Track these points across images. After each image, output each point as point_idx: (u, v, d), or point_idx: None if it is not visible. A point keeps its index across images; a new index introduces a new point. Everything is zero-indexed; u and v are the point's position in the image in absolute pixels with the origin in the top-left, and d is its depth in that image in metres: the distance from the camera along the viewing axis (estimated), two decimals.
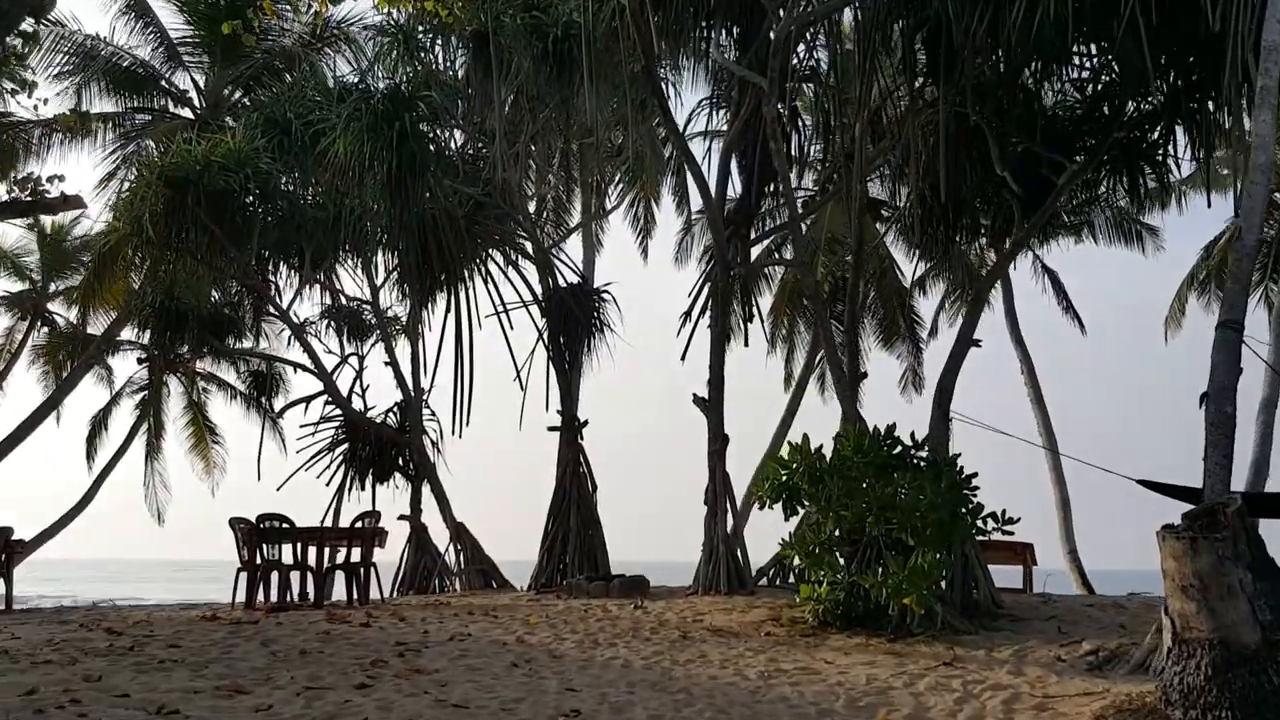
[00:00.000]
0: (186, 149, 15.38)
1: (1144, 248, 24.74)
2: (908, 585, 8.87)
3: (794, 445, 10.30)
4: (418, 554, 17.39)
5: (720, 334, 13.24)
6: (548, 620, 10.30)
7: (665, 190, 23.27)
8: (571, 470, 15.14)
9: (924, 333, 24.11)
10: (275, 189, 15.93)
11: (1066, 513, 21.83)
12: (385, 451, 17.67)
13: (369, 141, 13.12)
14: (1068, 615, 10.38)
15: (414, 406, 17.24)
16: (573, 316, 15.44)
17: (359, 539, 13.29)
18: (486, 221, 15.40)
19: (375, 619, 10.48)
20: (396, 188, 13.30)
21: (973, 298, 12.36)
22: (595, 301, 15.71)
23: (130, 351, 25.70)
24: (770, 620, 10.24)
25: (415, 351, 18.44)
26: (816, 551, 9.52)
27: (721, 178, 13.74)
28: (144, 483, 28.23)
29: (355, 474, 17.99)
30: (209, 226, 15.48)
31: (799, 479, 10.14)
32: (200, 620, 10.59)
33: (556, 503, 15.10)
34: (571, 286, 15.77)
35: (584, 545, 14.84)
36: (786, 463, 10.28)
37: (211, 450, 28.76)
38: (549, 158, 18.56)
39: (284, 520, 12.94)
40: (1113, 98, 13.04)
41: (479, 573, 16.23)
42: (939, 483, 9.53)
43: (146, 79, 21.73)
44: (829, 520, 9.56)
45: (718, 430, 13.34)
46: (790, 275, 22.67)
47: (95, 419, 28.20)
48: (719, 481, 13.09)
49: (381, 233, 14.42)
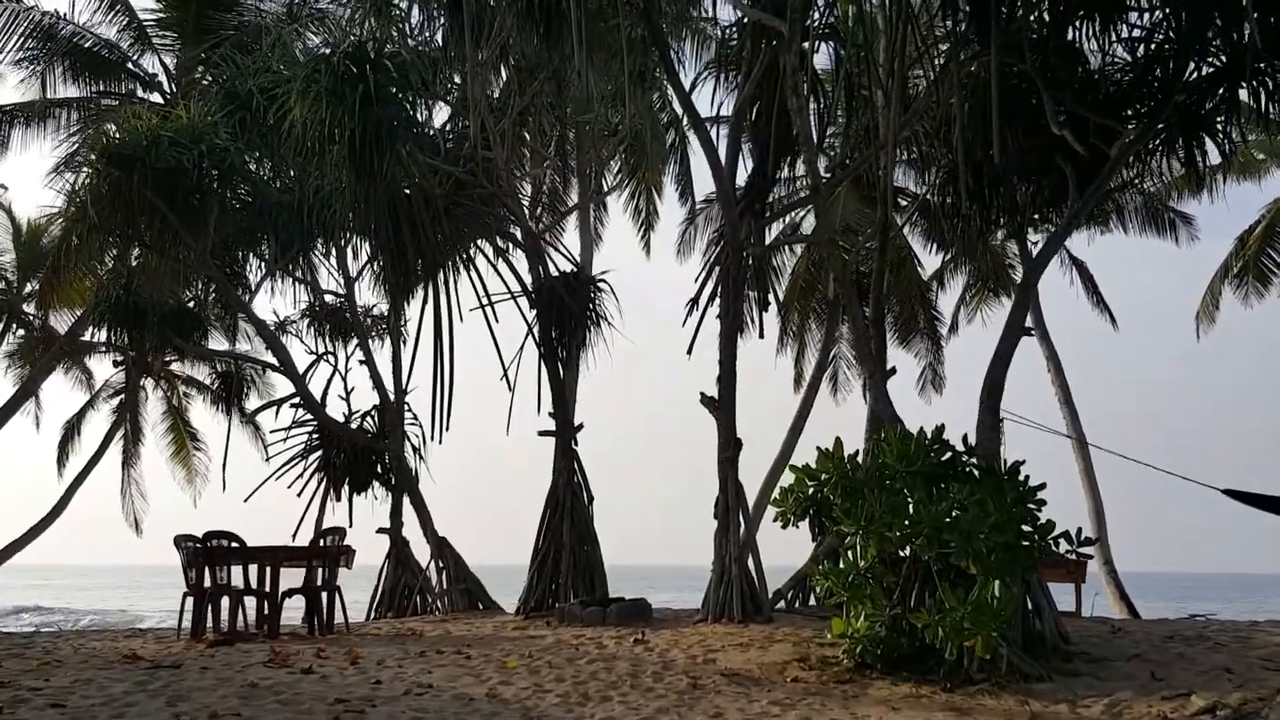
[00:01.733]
0: (135, 123, 13.61)
1: (1176, 237, 22.90)
2: (971, 624, 7.04)
3: (824, 452, 8.47)
4: (397, 571, 15.58)
5: (732, 325, 11.41)
6: (530, 662, 8.46)
7: (668, 180, 21.52)
8: (565, 479, 13.30)
9: (943, 329, 22.29)
10: (236, 169, 14.13)
11: (1101, 523, 19.94)
12: (362, 459, 15.84)
13: (328, 107, 11.30)
14: (1152, 653, 8.53)
15: (391, 410, 15.43)
16: (565, 309, 13.60)
17: (320, 559, 11.49)
18: (469, 203, 13.56)
19: (324, 659, 8.66)
20: (361, 160, 11.47)
21: (1023, 280, 10.56)
22: (591, 292, 13.88)
23: (106, 354, 24.11)
24: (796, 661, 8.39)
25: (396, 350, 16.67)
26: (856, 581, 7.67)
27: (732, 148, 11.92)
28: (120, 491, 26.56)
29: (330, 484, 16.19)
30: (160, 210, 13.71)
31: (830, 492, 8.32)
32: (118, 662, 8.77)
33: (548, 516, 13.25)
34: (564, 275, 13.94)
35: (578, 563, 13.00)
36: (814, 473, 8.46)
37: (193, 457, 27.04)
38: (541, 136, 16.75)
39: (233, 539, 11.13)
40: (1171, 58, 11.28)
41: (463, 592, 14.40)
42: (1003, 496, 7.70)
43: (112, 61, 19.94)
44: (871, 543, 7.72)
45: (729, 434, 11.51)
46: (802, 266, 20.84)
47: (69, 424, 26.51)
48: (731, 493, 11.25)
49: (349, 215, 12.55)
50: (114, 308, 16.15)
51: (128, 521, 26.55)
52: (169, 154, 13.22)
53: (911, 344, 22.07)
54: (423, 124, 13.57)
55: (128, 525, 26.55)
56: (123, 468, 26.18)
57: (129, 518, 26.54)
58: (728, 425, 11.56)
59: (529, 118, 15.60)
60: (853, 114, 12.91)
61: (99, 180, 13.49)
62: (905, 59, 10.92)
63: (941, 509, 7.55)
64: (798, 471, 8.59)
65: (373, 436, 15.78)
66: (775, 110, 10.98)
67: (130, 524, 26.60)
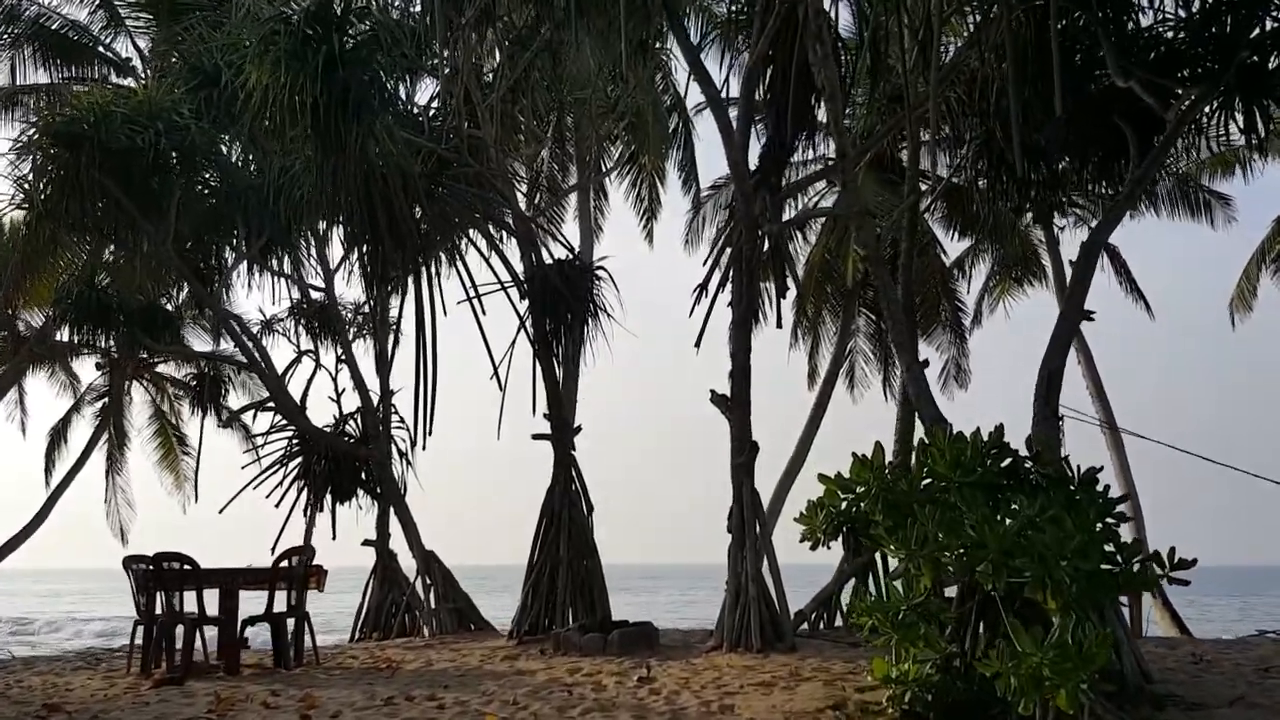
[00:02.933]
0: (84, 98, 12.27)
1: (1212, 219, 21.37)
2: (1054, 673, 5.59)
3: (860, 459, 7.03)
4: (383, 587, 14.21)
5: (745, 313, 9.98)
6: (513, 713, 7.05)
7: (671, 167, 20.10)
8: (561, 487, 11.89)
9: (966, 320, 20.82)
10: (198, 149, 12.76)
11: (1141, 533, 18.43)
12: (345, 466, 14.46)
13: (288, 72, 9.91)
14: (1257, 694, 7.08)
15: (373, 412, 14.05)
16: (560, 299, 12.18)
17: (285, 582, 10.10)
18: (455, 185, 12.17)
19: (273, 709, 7.27)
20: (326, 132, 10.09)
21: (1082, 255, 9.11)
22: (588, 280, 12.46)
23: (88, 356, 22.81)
24: (831, 709, 6.96)
25: (381, 348, 15.30)
26: (907, 618, 6.24)
27: (744, 116, 10.48)
28: (105, 499, 25.24)
29: (312, 493, 14.81)
30: (114, 195, 12.36)
31: (869, 507, 6.88)
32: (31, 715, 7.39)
33: (543, 527, 11.84)
34: (559, 263, 12.52)
35: (577, 579, 11.59)
36: (849, 484, 7.02)
37: (181, 462, 25.71)
38: (536, 115, 15.33)
39: (185, 560, 9.76)
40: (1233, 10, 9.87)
41: (452, 612, 13.00)
42: (1081, 511, 6.26)
43: (82, 44, 18.57)
44: (924, 571, 6.28)
45: (743, 436, 10.08)
46: (817, 253, 19.40)
47: (54, 430, 25.24)
48: (747, 503, 9.83)
49: (319, 198, 11.14)
50: (76, 305, 14.83)
51: (113, 531, 25.25)
52: (121, 132, 11.87)
53: (933, 335, 20.63)
54: (401, 97, 12.20)
55: (113, 535, 25.27)
56: (107, 475, 24.91)
57: (114, 527, 25.26)
58: (741, 426, 10.14)
59: (522, 95, 14.21)
60: (877, 78, 11.47)
61: (46, 163, 12.15)
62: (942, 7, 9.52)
63: (1010, 528, 6.11)
64: (829, 483, 7.15)
65: (355, 442, 14.40)
66: (794, 67, 9.56)
67: (115, 533, 25.32)
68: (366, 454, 13.84)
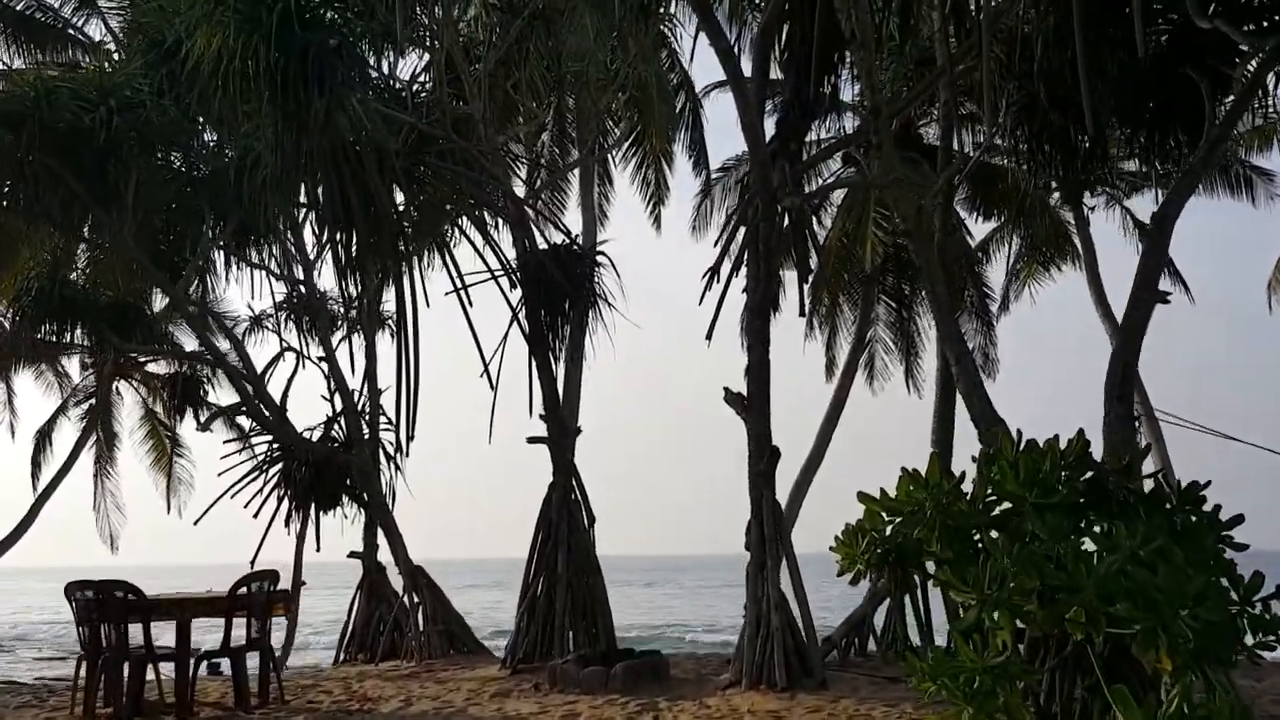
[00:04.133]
0: (26, 75, 11.03)
1: (1253, 196, 19.96)
2: None
3: (909, 474, 5.71)
4: (370, 603, 12.97)
5: (762, 300, 8.67)
6: None
7: (679, 150, 18.75)
8: (560, 496, 10.61)
9: (994, 306, 19.44)
10: (158, 130, 11.50)
11: None
12: (328, 472, 13.20)
13: (238, 35, 8.63)
14: None
15: (356, 415, 12.80)
16: (556, 288, 10.88)
17: (245, 610, 8.85)
18: (437, 164, 10.89)
19: None
20: (286, 100, 8.80)
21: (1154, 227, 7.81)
22: (587, 267, 11.16)
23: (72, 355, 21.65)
24: None
25: (370, 344, 14.04)
26: (983, 685, 4.93)
27: (759, 76, 9.16)
28: (93, 505, 24.06)
29: (294, 502, 13.57)
30: (64, 181, 11.12)
31: (923, 534, 5.57)
32: None
33: (540, 542, 10.56)
34: (554, 248, 11.22)
35: (577, 600, 10.31)
36: (896, 505, 5.71)
37: (175, 465, 24.52)
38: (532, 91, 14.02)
39: (129, 590, 8.52)
40: None
41: (442, 634, 11.74)
42: (1198, 541, 4.95)
43: (49, 26, 17.32)
44: (1002, 621, 4.97)
45: (762, 439, 8.78)
46: (834, 237, 18.02)
47: (40, 432, 24.06)
48: (768, 518, 8.52)
49: (279, 177, 9.86)
50: (36, 301, 13.63)
51: (102, 538, 24.09)
52: (68, 110, 10.62)
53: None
54: (377, 65, 10.91)
55: (102, 541, 24.10)
56: (95, 479, 23.75)
57: (103, 533, 24.09)
58: (760, 429, 8.83)
59: (515, 68, 12.90)
60: (907, 36, 10.13)
61: None
62: None
63: (1108, 566, 4.80)
64: (871, 503, 5.82)
65: (337, 446, 13.15)
66: (816, 18, 8.22)
67: (105, 540, 24.15)
68: (346, 460, 12.58)
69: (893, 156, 7.93)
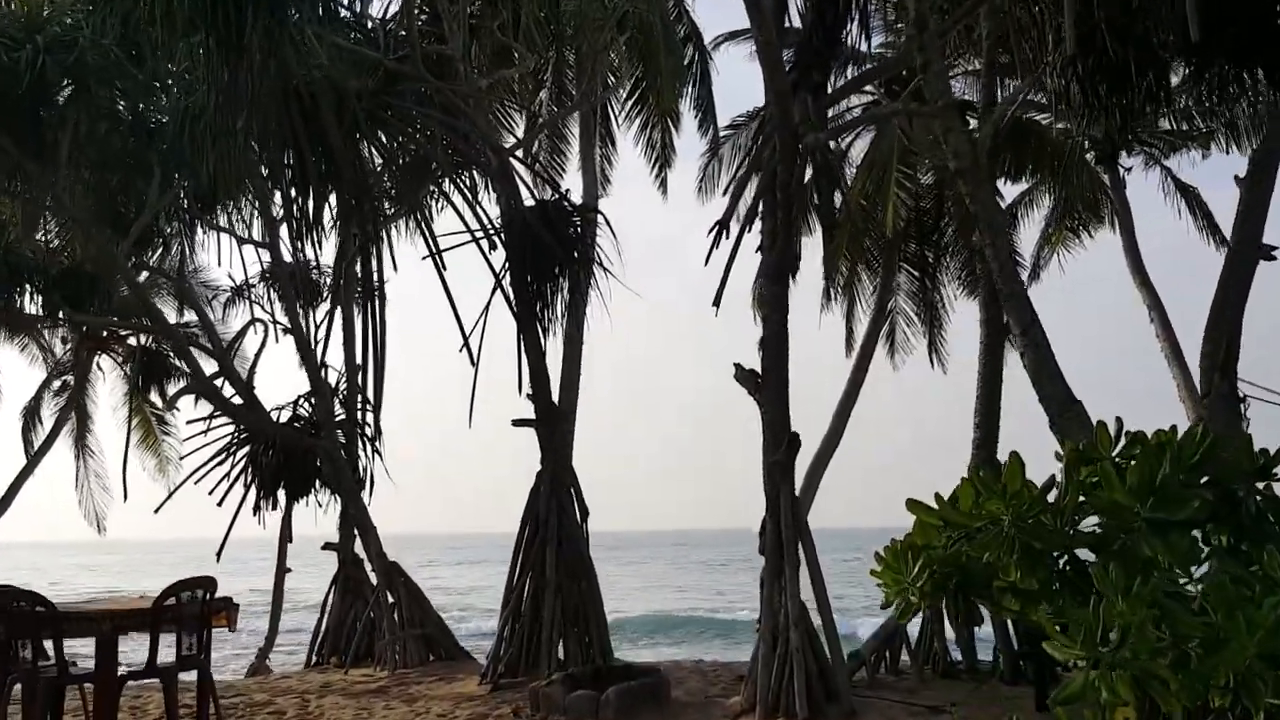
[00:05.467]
0: None
1: None
2: None
3: (977, 480, 4.30)
4: (345, 600, 11.70)
5: (781, 258, 7.26)
6: None
7: (685, 108, 17.24)
8: (548, 488, 9.27)
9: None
10: (97, 71, 10.09)
11: None
12: (298, 457, 11.89)
13: None
14: None
15: (325, 395, 11.46)
16: (544, 250, 9.48)
17: (176, 624, 7.55)
18: (407, 105, 9.47)
19: None
20: (218, 27, 7.39)
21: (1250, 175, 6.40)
22: (580, 225, 9.75)
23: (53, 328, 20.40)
24: None
25: (348, 316, 12.69)
26: None
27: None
28: (75, 484, 22.86)
29: (262, 489, 12.28)
30: None
31: (994, 556, 4.17)
32: None
33: (525, 540, 9.23)
34: (543, 204, 9.82)
35: (568, 608, 8.99)
36: (964, 520, 4.30)
37: (163, 443, 23.29)
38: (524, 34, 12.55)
39: (38, 601, 7.23)
40: None
41: (419, 640, 10.45)
42: None
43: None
44: (1124, 689, 3.61)
45: (779, 424, 7.40)
46: (854, 200, 16.52)
47: (27, 409, 22.85)
48: (786, 519, 7.15)
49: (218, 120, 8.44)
50: None
51: (87, 519, 22.89)
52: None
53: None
54: None
55: (88, 524, 22.91)
56: (77, 458, 22.54)
57: (88, 514, 22.90)
58: (775, 412, 7.45)
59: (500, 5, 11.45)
60: None
61: None
62: None
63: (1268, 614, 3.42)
64: (925, 513, 4.40)
65: (304, 428, 11.82)
66: None
67: (90, 520, 22.96)
68: (312, 444, 11.25)
69: (942, 77, 6.49)
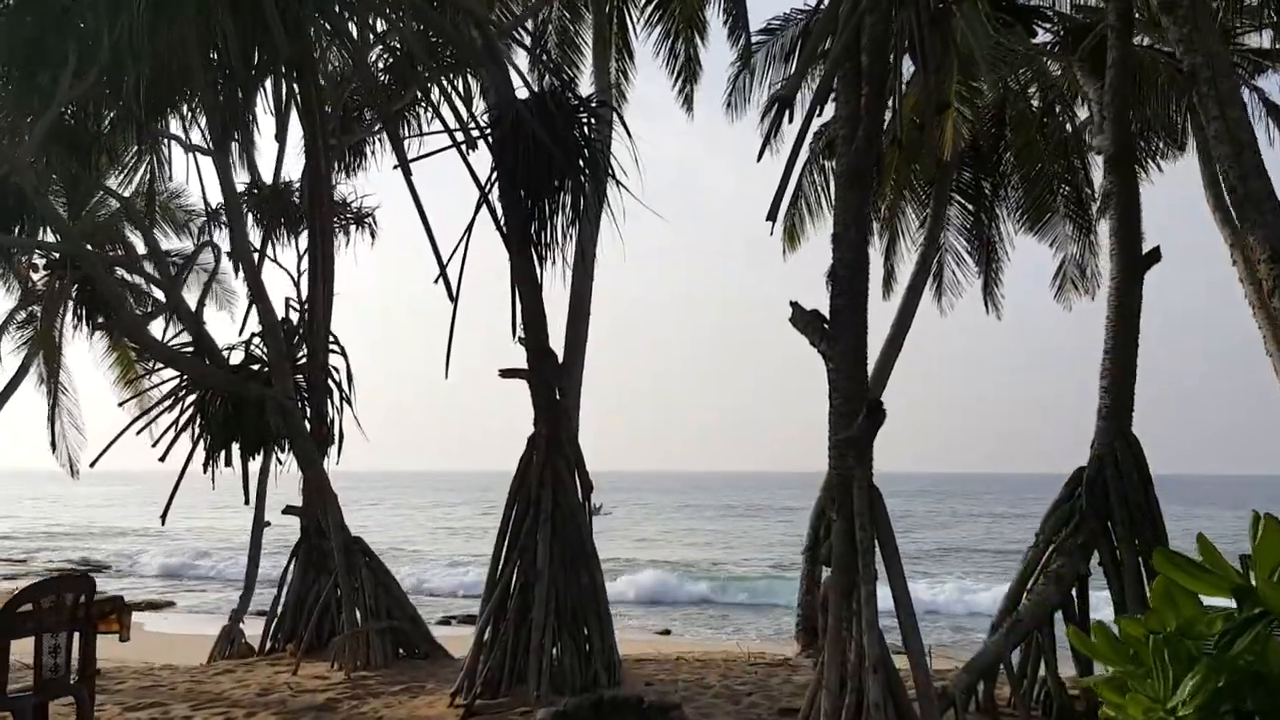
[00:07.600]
0: None
1: None
2: None
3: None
4: (307, 575, 9.76)
5: (864, 154, 5.08)
6: None
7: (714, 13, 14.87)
8: (541, 459, 7.20)
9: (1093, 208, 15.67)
10: None
11: None
12: (250, 409, 9.87)
13: None
14: None
15: (277, 336, 9.39)
16: (540, 154, 7.28)
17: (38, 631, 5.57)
18: None
19: None
20: None
21: None
22: (584, 123, 7.55)
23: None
24: None
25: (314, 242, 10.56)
26: None
27: None
28: (48, 421, 21.00)
29: (211, 444, 10.31)
30: None
31: None
32: None
33: (513, 521, 7.19)
34: (538, 96, 7.60)
35: (563, 609, 6.98)
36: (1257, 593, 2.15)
37: (144, 381, 21.38)
38: None
39: None
40: None
41: (384, 634, 8.48)
42: None
43: None
44: None
45: (854, 387, 5.28)
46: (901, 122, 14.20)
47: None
48: (862, 519, 5.05)
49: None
50: None
51: (60, 462, 21.06)
52: None
53: (1047, 227, 15.56)
54: None
55: (60, 465, 21.09)
56: (48, 396, 20.65)
57: (61, 457, 21.07)
58: (848, 368, 5.33)
59: None
60: None
61: None
62: None
63: None
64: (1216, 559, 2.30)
65: (255, 373, 9.79)
66: None
67: (63, 463, 21.15)
68: (260, 394, 9.20)
69: None
